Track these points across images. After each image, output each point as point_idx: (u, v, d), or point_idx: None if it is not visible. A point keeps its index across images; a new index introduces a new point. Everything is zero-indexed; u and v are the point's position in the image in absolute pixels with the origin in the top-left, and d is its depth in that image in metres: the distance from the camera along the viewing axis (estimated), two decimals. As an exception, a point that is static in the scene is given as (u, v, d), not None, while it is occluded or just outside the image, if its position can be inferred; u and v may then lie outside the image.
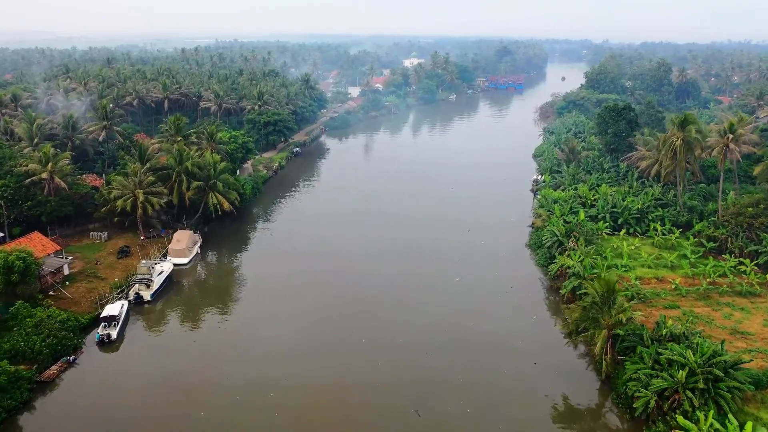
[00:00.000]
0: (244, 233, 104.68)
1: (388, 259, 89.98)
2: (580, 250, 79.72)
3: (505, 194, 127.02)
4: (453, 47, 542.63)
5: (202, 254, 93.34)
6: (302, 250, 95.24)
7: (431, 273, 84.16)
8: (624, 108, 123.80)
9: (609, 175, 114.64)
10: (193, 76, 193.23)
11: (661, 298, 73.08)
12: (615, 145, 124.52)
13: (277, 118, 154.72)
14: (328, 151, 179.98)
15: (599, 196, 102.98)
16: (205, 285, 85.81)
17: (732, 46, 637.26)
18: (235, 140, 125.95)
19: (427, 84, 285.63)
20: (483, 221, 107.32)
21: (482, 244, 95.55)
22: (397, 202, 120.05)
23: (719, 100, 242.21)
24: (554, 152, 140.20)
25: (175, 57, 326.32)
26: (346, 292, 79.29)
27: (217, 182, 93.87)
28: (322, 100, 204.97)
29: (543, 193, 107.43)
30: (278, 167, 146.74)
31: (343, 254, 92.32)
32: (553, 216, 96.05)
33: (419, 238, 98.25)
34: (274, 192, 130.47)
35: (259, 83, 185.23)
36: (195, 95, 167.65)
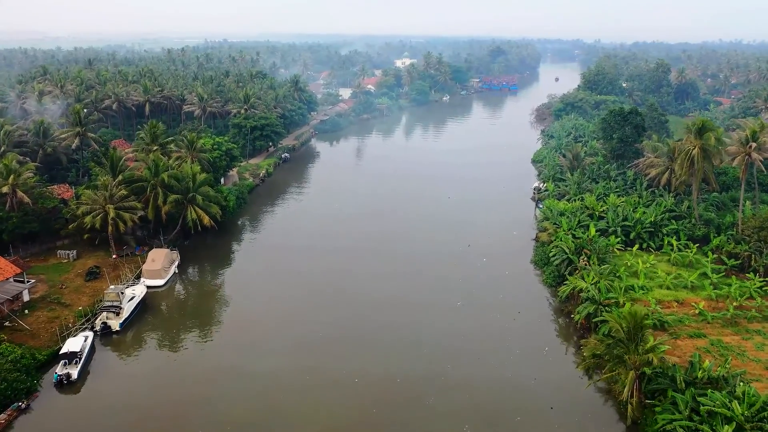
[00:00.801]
0: (228, 247, 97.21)
1: (382, 278, 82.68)
2: (594, 271, 72.83)
3: (505, 203, 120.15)
4: (445, 47, 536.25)
5: (181, 273, 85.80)
6: (290, 265, 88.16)
7: (430, 296, 76.82)
8: (630, 112, 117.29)
9: (616, 183, 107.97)
10: (177, 78, 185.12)
11: (685, 325, 66.35)
12: (621, 151, 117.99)
13: (265, 123, 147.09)
14: (319, 156, 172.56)
15: (608, 207, 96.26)
16: (183, 308, 78.11)
17: (724, 46, 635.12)
18: (218, 147, 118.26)
19: (419, 85, 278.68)
20: (483, 234, 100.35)
21: (484, 261, 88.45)
22: (391, 212, 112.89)
23: (718, 101, 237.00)
24: (556, 158, 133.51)
25: (161, 58, 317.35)
26: (336, 318, 71.94)
27: (196, 195, 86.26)
28: (311, 102, 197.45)
29: (547, 204, 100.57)
30: (265, 174, 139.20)
31: (333, 273, 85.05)
32: (560, 230, 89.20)
33: (416, 254, 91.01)
34: (260, 201, 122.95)
35: (246, 85, 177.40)
36: (178, 98, 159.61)
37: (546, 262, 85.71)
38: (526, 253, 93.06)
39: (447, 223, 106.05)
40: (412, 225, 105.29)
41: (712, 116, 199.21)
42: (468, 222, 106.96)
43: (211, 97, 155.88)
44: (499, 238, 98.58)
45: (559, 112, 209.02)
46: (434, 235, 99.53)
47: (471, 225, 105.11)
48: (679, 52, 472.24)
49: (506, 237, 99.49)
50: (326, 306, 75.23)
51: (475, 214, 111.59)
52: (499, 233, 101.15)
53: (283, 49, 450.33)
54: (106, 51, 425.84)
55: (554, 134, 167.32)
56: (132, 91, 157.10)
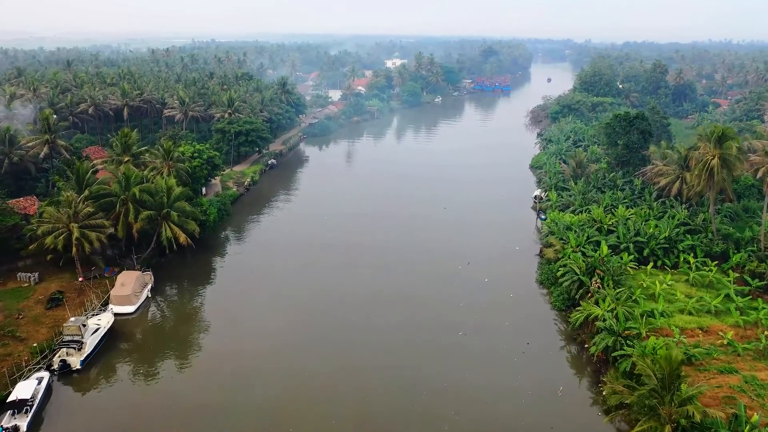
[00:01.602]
0: (209, 265, 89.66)
1: (376, 303, 75.40)
2: (609, 295, 66.09)
3: (504, 214, 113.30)
4: (435, 47, 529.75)
5: (156, 296, 78.20)
6: (276, 284, 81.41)
7: (430, 326, 69.59)
8: (636, 117, 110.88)
9: (624, 193, 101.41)
10: (158, 80, 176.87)
11: (713, 359, 59.68)
12: (626, 158, 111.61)
13: (250, 128, 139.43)
14: (307, 162, 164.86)
15: (617, 220, 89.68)
16: (157, 338, 70.35)
17: (714, 46, 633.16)
18: (199, 155, 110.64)
19: (411, 86, 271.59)
20: (483, 249, 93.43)
21: (486, 281, 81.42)
22: (384, 223, 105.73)
23: (717, 102, 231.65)
24: (557, 165, 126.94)
25: (145, 58, 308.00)
26: (326, 350, 64.68)
27: (171, 211, 78.61)
28: (300, 105, 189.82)
29: (552, 217, 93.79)
30: (250, 182, 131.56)
31: (321, 295, 77.82)
32: (567, 246, 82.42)
33: (412, 273, 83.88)
34: (245, 212, 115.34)
35: (231, 88, 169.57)
36: (159, 102, 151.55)
37: (553, 282, 78.98)
38: (530, 270, 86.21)
39: (444, 236, 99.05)
40: (407, 239, 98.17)
41: (713, 119, 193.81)
42: (466, 234, 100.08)
43: (194, 100, 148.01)
44: (500, 254, 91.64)
45: (555, 114, 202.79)
46: (431, 251, 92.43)
47: (470, 238, 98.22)
48: (671, 53, 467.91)
49: (508, 252, 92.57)
50: (315, 335, 67.99)
51: (474, 226, 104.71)
52: (500, 248, 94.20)
53: (272, 49, 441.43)
54: (90, 51, 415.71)
55: (553, 138, 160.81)
56: (110, 95, 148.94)
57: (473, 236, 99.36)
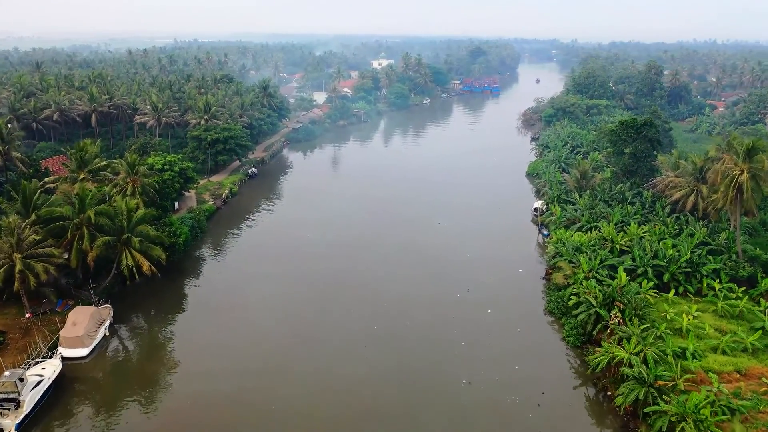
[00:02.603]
0: (180, 290, 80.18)
1: (365, 344, 66.32)
2: (635, 334, 57.67)
3: (503, 229, 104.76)
4: (422, 47, 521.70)
5: (118, 330, 68.74)
6: (252, 314, 72.60)
7: (426, 373, 60.30)
8: (644, 123, 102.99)
9: (634, 207, 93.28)
10: (131, 83, 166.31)
11: (759, 411, 51.45)
12: (633, 167, 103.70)
13: (228, 135, 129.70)
14: (291, 169, 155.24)
15: (631, 239, 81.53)
16: (115, 384, 60.57)
17: (699, 46, 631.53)
18: (170, 167, 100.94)
19: (399, 88, 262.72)
20: (483, 272, 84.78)
21: (489, 312, 72.69)
22: (371, 242, 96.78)
23: (713, 104, 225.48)
24: (557, 174, 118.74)
25: (121, 59, 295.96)
26: (306, 400, 55.65)
27: (132, 237, 68.98)
28: (283, 109, 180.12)
29: (559, 236, 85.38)
30: (229, 194, 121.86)
31: (300, 330, 68.73)
32: (579, 271, 74.04)
33: (406, 305, 74.71)
34: (222, 228, 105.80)
35: (209, 91, 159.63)
36: (130, 107, 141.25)
37: (564, 312, 70.58)
38: (536, 297, 77.70)
39: (439, 257, 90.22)
40: (398, 260, 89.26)
41: (712, 122, 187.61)
42: (463, 254, 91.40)
43: (167, 105, 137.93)
44: (502, 278, 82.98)
45: (549, 117, 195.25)
46: (426, 275, 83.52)
47: (467, 258, 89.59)
48: (659, 53, 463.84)
49: (511, 276, 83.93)
50: (293, 383, 58.88)
51: (471, 244, 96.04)
52: (501, 270, 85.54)
53: (255, 49, 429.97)
54: (67, 52, 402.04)
55: (550, 144, 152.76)
56: (77, 100, 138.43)
57: (471, 256, 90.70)
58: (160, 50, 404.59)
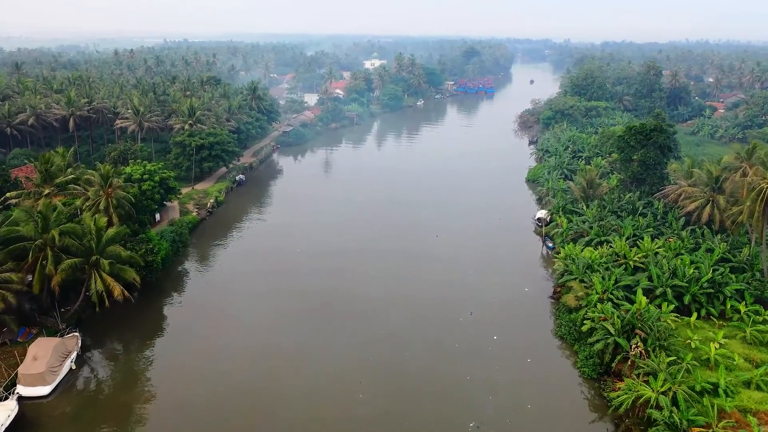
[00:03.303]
0: (158, 312, 73.75)
1: (358, 380, 59.99)
2: (662, 371, 51.73)
3: (504, 241, 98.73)
4: (414, 47, 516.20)
5: (87, 360, 62.26)
6: (236, 338, 66.63)
7: (429, 415, 53.70)
8: (653, 129, 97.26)
9: (646, 219, 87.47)
10: (114, 85, 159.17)
11: (806, 461, 45.70)
12: (642, 175, 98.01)
13: (213, 140, 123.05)
14: (281, 175, 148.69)
15: (645, 255, 75.69)
16: (82, 424, 53.95)
17: (691, 46, 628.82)
18: (150, 176, 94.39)
19: (392, 89, 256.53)
20: (486, 290, 78.71)
21: (495, 339, 66.57)
22: (367, 255, 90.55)
23: (713, 106, 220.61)
24: (560, 181, 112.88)
25: (107, 60, 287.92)
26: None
27: (101, 259, 62.39)
28: (272, 112, 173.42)
29: (567, 251, 79.38)
30: (214, 203, 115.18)
31: (291, 357, 62.45)
32: (592, 292, 68.09)
33: (404, 330, 68.42)
34: (206, 241, 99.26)
35: (195, 94, 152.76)
36: (111, 111, 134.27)
37: (577, 338, 64.66)
38: (545, 319, 71.68)
39: (439, 274, 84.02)
40: (394, 277, 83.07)
41: (714, 124, 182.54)
42: (465, 270, 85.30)
43: (150, 109, 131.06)
44: (507, 298, 76.82)
45: (548, 120, 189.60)
46: (424, 295, 77.28)
47: (469, 275, 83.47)
48: (654, 53, 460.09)
49: (516, 295, 77.79)
50: (280, 426, 52.59)
51: (472, 258, 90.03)
52: (505, 289, 79.42)
53: (246, 49, 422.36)
54: (52, 53, 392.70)
55: (550, 148, 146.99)
56: (54, 103, 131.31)
57: (473, 272, 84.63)
58: (148, 51, 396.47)
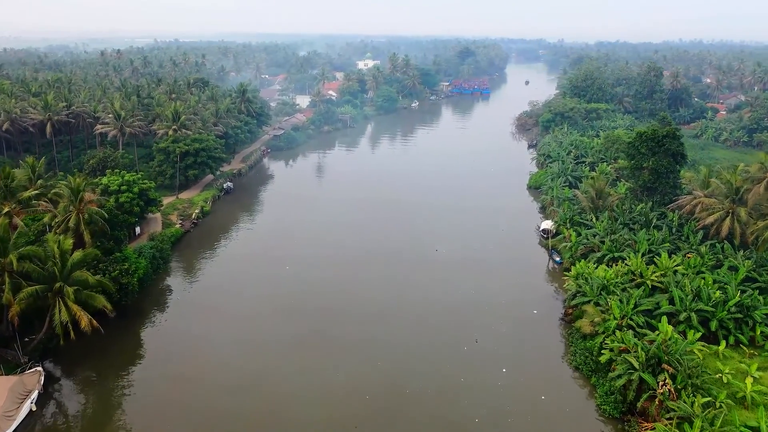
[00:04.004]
0: (134, 338, 67.42)
1: (354, 424, 53.83)
2: (698, 416, 45.77)
3: (508, 254, 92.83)
4: (408, 47, 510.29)
5: (51, 395, 55.83)
6: (219, 369, 60.14)
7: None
8: (666, 135, 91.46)
9: (661, 233, 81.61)
10: (95, 88, 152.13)
11: None
12: (654, 184, 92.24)
13: (199, 147, 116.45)
14: (271, 181, 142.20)
15: (663, 273, 69.87)
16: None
17: (686, 46, 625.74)
18: (128, 188, 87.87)
19: (386, 91, 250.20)
20: (491, 313, 72.65)
21: (504, 372, 60.40)
22: (362, 274, 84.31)
23: (715, 108, 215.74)
24: (565, 189, 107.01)
25: (92, 61, 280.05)
26: None
27: (65, 287, 55.86)
28: (263, 115, 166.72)
29: (579, 269, 73.38)
30: (200, 214, 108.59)
31: (276, 395, 56.23)
32: (609, 317, 62.14)
33: (404, 362, 62.03)
34: (189, 256, 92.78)
35: (181, 96, 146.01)
36: (91, 115, 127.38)
37: (594, 369, 58.78)
38: (556, 346, 65.71)
39: (440, 294, 77.89)
40: (392, 299, 76.87)
41: (717, 127, 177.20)
42: (467, 289, 79.21)
43: (133, 113, 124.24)
44: (514, 322, 70.63)
45: (547, 122, 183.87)
46: (425, 319, 71.06)
47: (472, 296, 77.35)
48: (650, 52, 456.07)
49: (524, 319, 71.62)
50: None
51: (474, 275, 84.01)
52: (512, 311, 73.21)
53: (237, 49, 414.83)
54: (39, 53, 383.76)
55: (552, 153, 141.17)
56: (30, 107, 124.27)
57: (475, 292, 78.52)
58: (137, 51, 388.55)
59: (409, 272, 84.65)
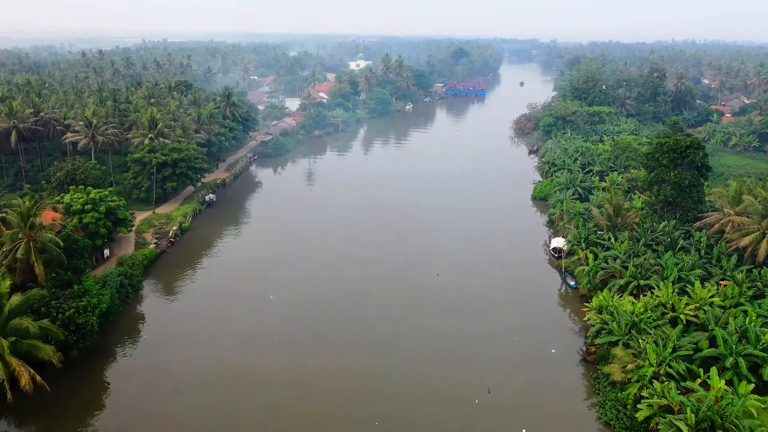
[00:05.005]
0: (94, 388, 58.15)
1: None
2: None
3: (516, 277, 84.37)
4: (400, 47, 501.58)
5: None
6: (194, 417, 50.80)
7: None
8: (689, 146, 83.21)
9: (690, 257, 73.10)
10: (69, 92, 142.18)
11: None
12: (677, 199, 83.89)
13: (177, 157, 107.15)
14: (258, 191, 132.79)
15: (698, 306, 61.39)
16: None
17: (679, 46, 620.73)
18: (94, 206, 78.54)
19: (379, 93, 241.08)
20: (502, 352, 63.94)
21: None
22: (356, 306, 75.30)
23: (720, 111, 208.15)
24: (576, 204, 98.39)
25: (74, 62, 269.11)
26: None
27: (1, 339, 46.57)
28: (249, 120, 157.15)
29: (601, 301, 64.77)
30: (178, 231, 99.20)
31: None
32: (644, 363, 53.51)
33: (406, 422, 53.38)
34: (164, 280, 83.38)
35: (160, 102, 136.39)
36: (60, 123, 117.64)
37: (629, 426, 50.14)
38: (581, 394, 57.06)
39: (443, 332, 68.92)
40: (387, 334, 68.02)
41: (726, 131, 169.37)
42: (474, 324, 70.39)
43: (106, 120, 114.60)
44: (530, 366, 61.59)
45: (548, 127, 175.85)
46: (429, 364, 61.97)
47: (480, 332, 68.55)
48: (646, 53, 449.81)
49: (541, 361, 62.62)
50: None
51: (480, 305, 75.31)
52: (526, 351, 64.24)
53: (226, 50, 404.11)
54: (20, 54, 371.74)
55: (556, 161, 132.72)
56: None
57: (483, 326, 69.69)
58: (123, 51, 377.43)
59: (406, 300, 75.76)
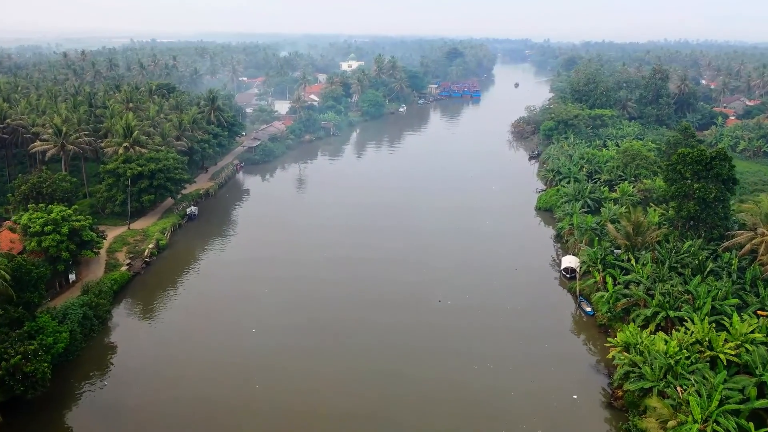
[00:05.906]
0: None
1: None
2: None
3: (526, 302, 76.55)
4: (393, 48, 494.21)
5: None
6: None
7: None
8: (715, 157, 75.66)
9: (722, 283, 65.50)
10: (42, 96, 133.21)
11: None
12: (701, 214, 76.40)
13: (155, 167, 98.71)
14: (243, 202, 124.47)
15: (739, 344, 53.83)
16: None
17: (672, 46, 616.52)
18: (55, 228, 70.07)
19: (372, 95, 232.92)
20: (517, 400, 56.18)
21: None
22: (349, 340, 67.31)
23: (725, 113, 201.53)
24: (588, 218, 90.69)
25: (54, 63, 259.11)
26: None
27: None
28: (236, 125, 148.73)
29: (627, 337, 57.05)
30: (154, 249, 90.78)
31: None
32: (688, 419, 45.78)
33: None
34: (136, 307, 75.30)
35: (139, 106, 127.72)
36: (28, 130, 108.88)
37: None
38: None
39: (448, 375, 61.00)
40: (383, 379, 60.04)
41: (733, 135, 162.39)
42: (482, 365, 62.59)
43: (78, 127, 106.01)
44: (549, 415, 53.88)
45: (549, 131, 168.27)
46: (429, 415, 54.23)
47: (489, 374, 60.73)
48: (642, 53, 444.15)
49: (561, 409, 54.62)
50: None
51: (488, 340, 67.52)
52: (544, 398, 56.21)
53: (215, 50, 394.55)
54: (1, 55, 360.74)
55: (561, 169, 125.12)
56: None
57: (493, 365, 61.82)
58: (109, 52, 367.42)
59: (405, 335, 67.68)
